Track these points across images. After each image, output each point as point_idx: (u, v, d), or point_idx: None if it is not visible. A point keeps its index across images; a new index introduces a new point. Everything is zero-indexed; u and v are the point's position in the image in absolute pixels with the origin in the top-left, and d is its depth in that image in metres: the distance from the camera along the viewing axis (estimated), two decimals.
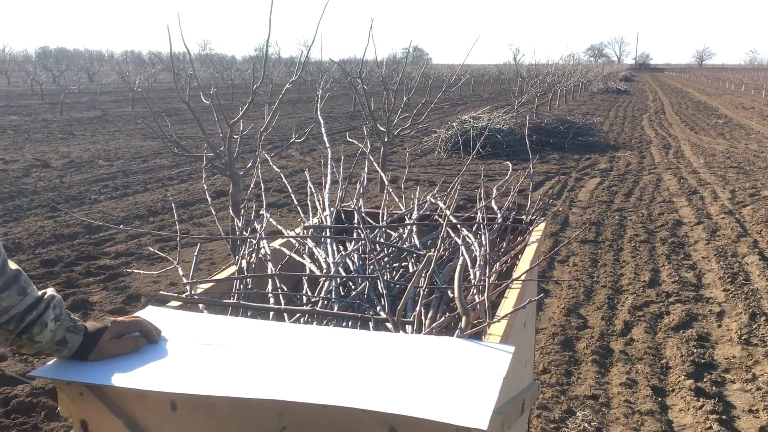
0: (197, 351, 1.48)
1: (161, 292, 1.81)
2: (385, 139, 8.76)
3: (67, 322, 1.39)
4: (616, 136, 15.73)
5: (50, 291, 1.40)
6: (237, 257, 2.02)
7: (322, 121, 2.79)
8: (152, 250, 4.54)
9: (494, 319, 1.71)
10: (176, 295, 1.79)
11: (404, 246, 2.31)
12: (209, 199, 2.38)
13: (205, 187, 2.64)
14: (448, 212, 2.46)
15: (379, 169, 2.84)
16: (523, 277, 2.02)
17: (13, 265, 1.33)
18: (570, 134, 13.33)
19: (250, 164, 5.25)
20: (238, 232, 2.22)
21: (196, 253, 1.99)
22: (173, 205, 3.43)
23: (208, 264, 5.74)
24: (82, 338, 1.40)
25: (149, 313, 1.69)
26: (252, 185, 2.59)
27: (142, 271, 3.22)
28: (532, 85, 19.68)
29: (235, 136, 5.10)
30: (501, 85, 43.43)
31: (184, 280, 1.90)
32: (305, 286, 2.13)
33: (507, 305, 1.84)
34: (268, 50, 5.07)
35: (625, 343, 4.30)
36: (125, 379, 1.36)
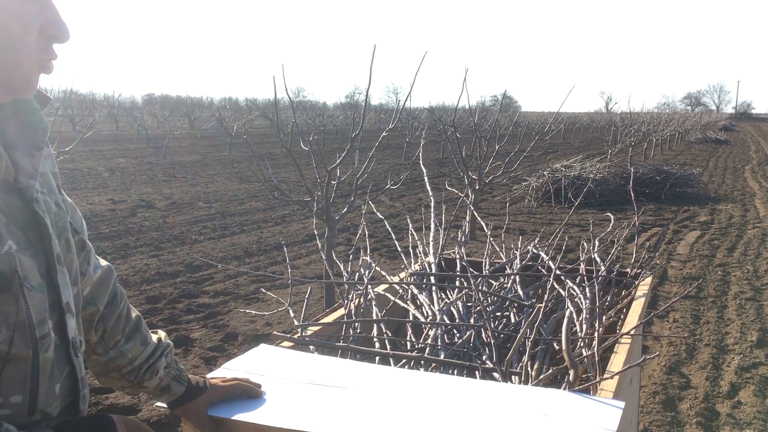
0: (311, 390, 1.53)
1: (275, 333, 1.88)
2: (476, 187, 8.76)
3: (174, 371, 1.40)
4: (717, 187, 15.11)
5: (164, 337, 1.41)
6: (346, 301, 2.08)
7: (425, 170, 2.86)
8: (264, 291, 4.69)
9: (605, 374, 1.69)
10: (289, 335, 1.86)
11: (508, 296, 2.31)
12: (320, 245, 2.47)
13: (316, 232, 2.73)
14: (552, 264, 2.45)
15: (480, 220, 2.86)
16: (632, 332, 1.98)
17: (134, 312, 1.35)
18: (667, 185, 12.91)
19: (345, 209, 5.38)
20: (346, 277, 2.28)
21: (307, 296, 2.07)
22: (284, 248, 3.55)
23: (301, 306, 5.87)
24: (184, 389, 1.41)
25: (262, 351, 1.77)
26: (359, 233, 2.67)
27: (254, 312, 3.33)
28: (626, 134, 19.27)
29: (332, 182, 5.25)
30: (592, 133, 42.71)
31: (296, 322, 1.97)
32: (409, 331, 2.16)
33: (617, 361, 1.81)
34: (367, 100, 5.22)
35: (733, 406, 4.08)
36: (247, 414, 1.42)
